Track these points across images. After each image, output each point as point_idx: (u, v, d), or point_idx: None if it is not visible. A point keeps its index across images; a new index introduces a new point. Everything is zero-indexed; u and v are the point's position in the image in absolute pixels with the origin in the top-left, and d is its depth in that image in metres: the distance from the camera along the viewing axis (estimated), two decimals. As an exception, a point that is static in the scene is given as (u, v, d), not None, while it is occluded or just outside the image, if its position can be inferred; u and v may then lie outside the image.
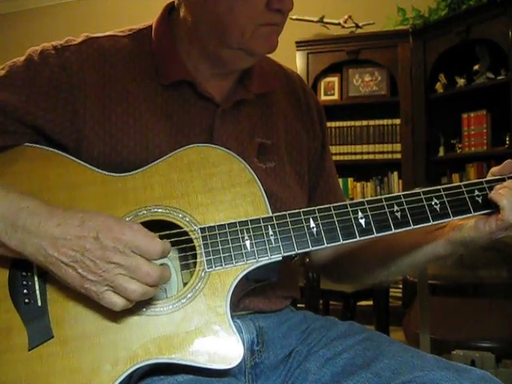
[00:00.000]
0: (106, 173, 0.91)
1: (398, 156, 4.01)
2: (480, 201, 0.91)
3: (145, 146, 0.95)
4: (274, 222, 0.87)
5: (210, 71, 1.01)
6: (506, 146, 3.48)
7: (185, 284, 0.88)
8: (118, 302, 0.79)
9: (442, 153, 3.86)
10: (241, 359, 0.82)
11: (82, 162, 0.91)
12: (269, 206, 0.90)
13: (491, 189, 0.92)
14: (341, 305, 3.40)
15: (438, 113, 3.87)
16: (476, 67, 3.66)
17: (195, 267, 0.86)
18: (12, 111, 0.90)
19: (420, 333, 1.80)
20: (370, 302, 3.22)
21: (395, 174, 4.08)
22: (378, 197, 0.91)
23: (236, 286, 0.85)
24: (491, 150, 3.62)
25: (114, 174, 0.91)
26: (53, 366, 0.80)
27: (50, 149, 0.93)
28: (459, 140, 3.82)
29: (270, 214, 0.88)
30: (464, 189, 0.92)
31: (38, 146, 0.93)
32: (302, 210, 0.89)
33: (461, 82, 3.73)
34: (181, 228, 0.87)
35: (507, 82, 3.43)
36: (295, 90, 1.15)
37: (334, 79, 4.22)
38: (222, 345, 0.82)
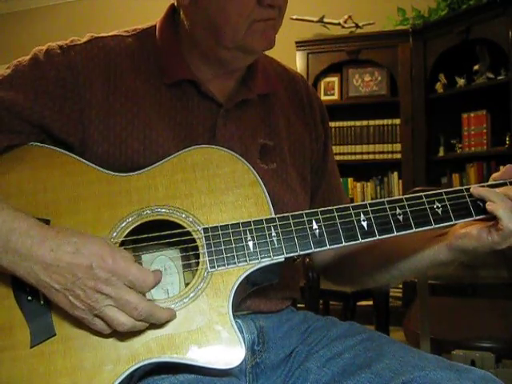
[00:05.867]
0: (110, 172, 0.91)
1: (398, 156, 4.01)
2: (481, 205, 0.91)
3: (148, 145, 0.95)
4: (277, 223, 0.88)
5: (211, 72, 1.01)
6: (506, 145, 3.49)
7: (186, 284, 0.89)
8: (107, 329, 0.80)
9: (442, 153, 3.87)
10: (242, 359, 0.82)
11: (87, 162, 0.92)
12: (272, 208, 0.90)
13: None
14: (341, 305, 3.40)
15: (438, 113, 3.87)
16: (476, 67, 3.66)
17: (197, 267, 0.87)
18: (19, 111, 0.91)
19: (420, 333, 1.80)
20: (370, 302, 3.23)
21: (395, 174, 4.08)
22: (381, 199, 0.91)
23: (238, 287, 0.85)
24: (491, 149, 3.62)
25: (119, 174, 0.91)
26: (54, 363, 0.80)
27: (55, 148, 0.93)
28: (459, 140, 3.82)
29: (273, 216, 0.89)
30: (466, 193, 0.92)
31: (43, 144, 0.93)
32: (304, 212, 0.89)
33: (461, 81, 3.73)
34: (184, 228, 0.88)
35: (507, 82, 3.43)
36: (298, 91, 1.14)
37: (334, 79, 4.22)
38: (224, 345, 0.82)
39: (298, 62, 4.17)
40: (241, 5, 0.90)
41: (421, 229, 0.90)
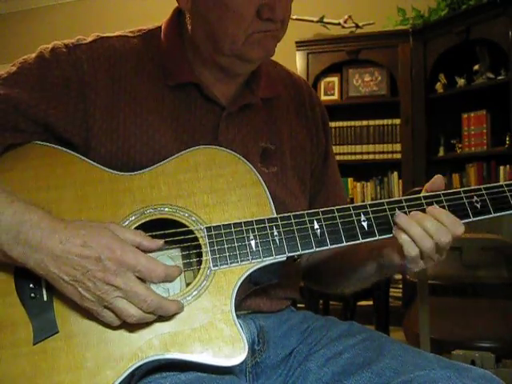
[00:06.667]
0: (113, 172, 0.92)
1: (398, 156, 4.01)
2: (479, 206, 0.93)
3: (151, 146, 0.96)
4: (279, 222, 0.89)
5: (213, 76, 1.02)
6: (506, 145, 3.49)
7: (187, 284, 0.89)
8: (116, 321, 0.80)
9: (442, 153, 3.87)
10: (245, 356, 0.82)
11: (90, 161, 0.92)
12: (273, 208, 0.91)
13: (491, 195, 0.94)
14: (341, 305, 3.41)
15: (438, 113, 3.87)
16: (476, 67, 3.66)
17: (198, 266, 0.87)
18: (24, 109, 0.91)
19: (420, 333, 1.80)
20: (370, 302, 3.23)
21: (395, 174, 4.08)
22: (380, 200, 0.92)
23: (240, 285, 0.86)
24: (491, 149, 3.62)
25: (122, 173, 0.91)
26: (57, 360, 0.81)
27: (59, 147, 0.94)
28: (459, 140, 3.82)
29: (275, 215, 0.89)
30: (463, 194, 0.94)
31: (46, 143, 0.94)
32: (306, 212, 0.90)
33: (461, 82, 3.73)
34: (186, 227, 0.88)
35: (507, 82, 3.43)
36: (301, 96, 1.15)
37: (334, 79, 4.22)
38: (227, 342, 0.83)
39: (298, 62, 4.16)
40: (239, 18, 0.90)
41: None
